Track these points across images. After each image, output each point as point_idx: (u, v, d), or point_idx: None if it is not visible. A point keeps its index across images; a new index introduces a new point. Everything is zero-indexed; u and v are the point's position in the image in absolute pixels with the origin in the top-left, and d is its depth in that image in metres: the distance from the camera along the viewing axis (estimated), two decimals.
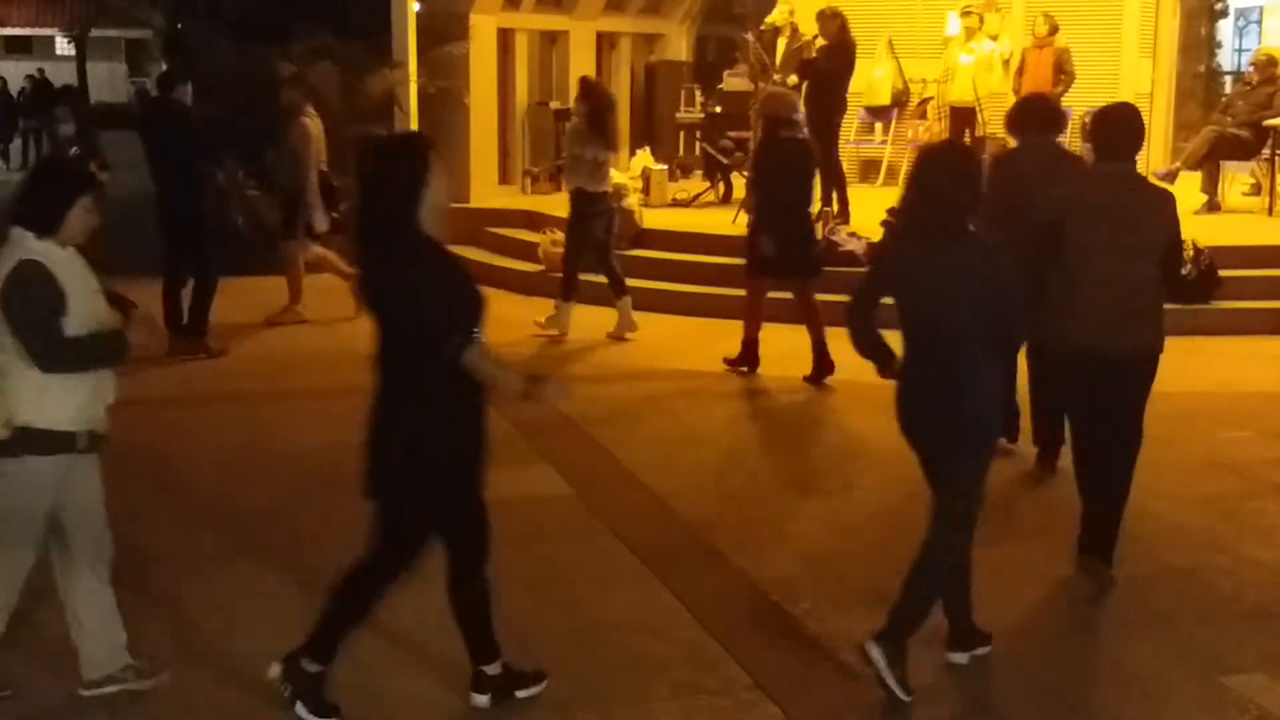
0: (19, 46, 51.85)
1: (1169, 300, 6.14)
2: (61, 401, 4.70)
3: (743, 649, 5.49)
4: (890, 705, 5.03)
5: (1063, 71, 15.23)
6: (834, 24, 13.22)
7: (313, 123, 11.69)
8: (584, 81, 11.95)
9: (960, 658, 5.41)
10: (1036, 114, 8.01)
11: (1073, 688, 5.28)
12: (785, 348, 9.76)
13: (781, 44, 15.28)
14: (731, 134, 15.03)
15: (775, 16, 15.29)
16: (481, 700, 4.98)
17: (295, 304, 11.96)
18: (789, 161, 9.78)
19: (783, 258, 9.63)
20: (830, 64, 13.26)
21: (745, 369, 9.98)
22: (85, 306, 4.71)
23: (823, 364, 9.56)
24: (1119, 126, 6.16)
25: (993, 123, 15.83)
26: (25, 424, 4.66)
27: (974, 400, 5.06)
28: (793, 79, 14.73)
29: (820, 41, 13.53)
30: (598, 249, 11.16)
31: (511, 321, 11.56)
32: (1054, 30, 15.23)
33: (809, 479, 7.88)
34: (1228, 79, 22.85)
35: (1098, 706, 5.15)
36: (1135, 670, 5.44)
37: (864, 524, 6.91)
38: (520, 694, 5.03)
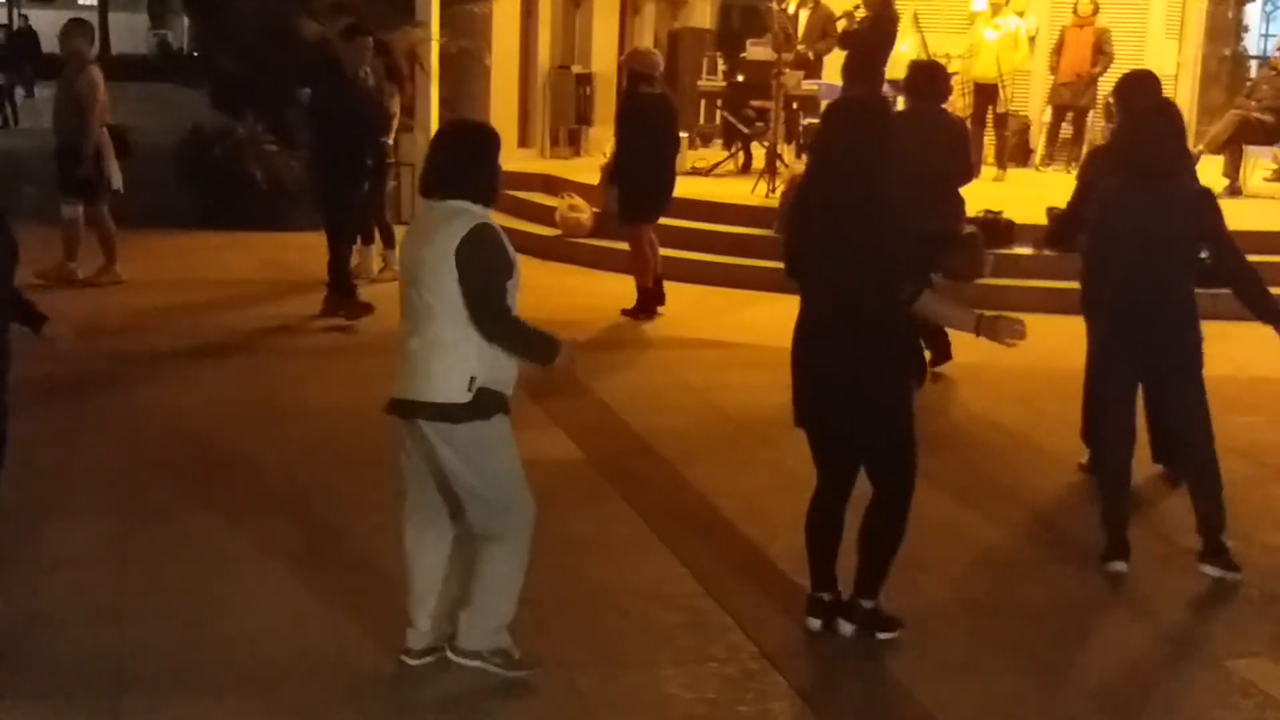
0: None
1: None
2: (503, 362, 4.74)
3: (749, 618, 5.50)
4: (891, 676, 5.06)
5: (1101, 51, 15.24)
6: None
7: (100, 73, 11.09)
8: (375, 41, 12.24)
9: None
10: (917, 81, 8.99)
11: (1076, 667, 5.29)
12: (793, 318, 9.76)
13: (804, 15, 15.22)
14: (754, 103, 14.95)
15: None
16: (848, 629, 5.31)
17: (112, 264, 11.40)
18: (649, 114, 10.60)
19: (652, 200, 10.67)
20: (871, 36, 13.24)
21: (645, 316, 10.77)
22: (518, 272, 4.77)
23: (655, 298, 10.79)
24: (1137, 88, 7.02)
25: (1015, 99, 15.82)
26: (484, 384, 4.67)
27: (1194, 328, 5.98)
28: (803, 48, 14.75)
29: (862, 12, 13.50)
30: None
31: (532, 285, 11.55)
32: (1096, 10, 15.23)
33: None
34: (1254, 63, 22.69)
35: (1102, 687, 5.15)
36: (1141, 652, 5.45)
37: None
38: (881, 635, 5.30)
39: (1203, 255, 7.25)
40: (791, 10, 15.07)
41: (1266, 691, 5.08)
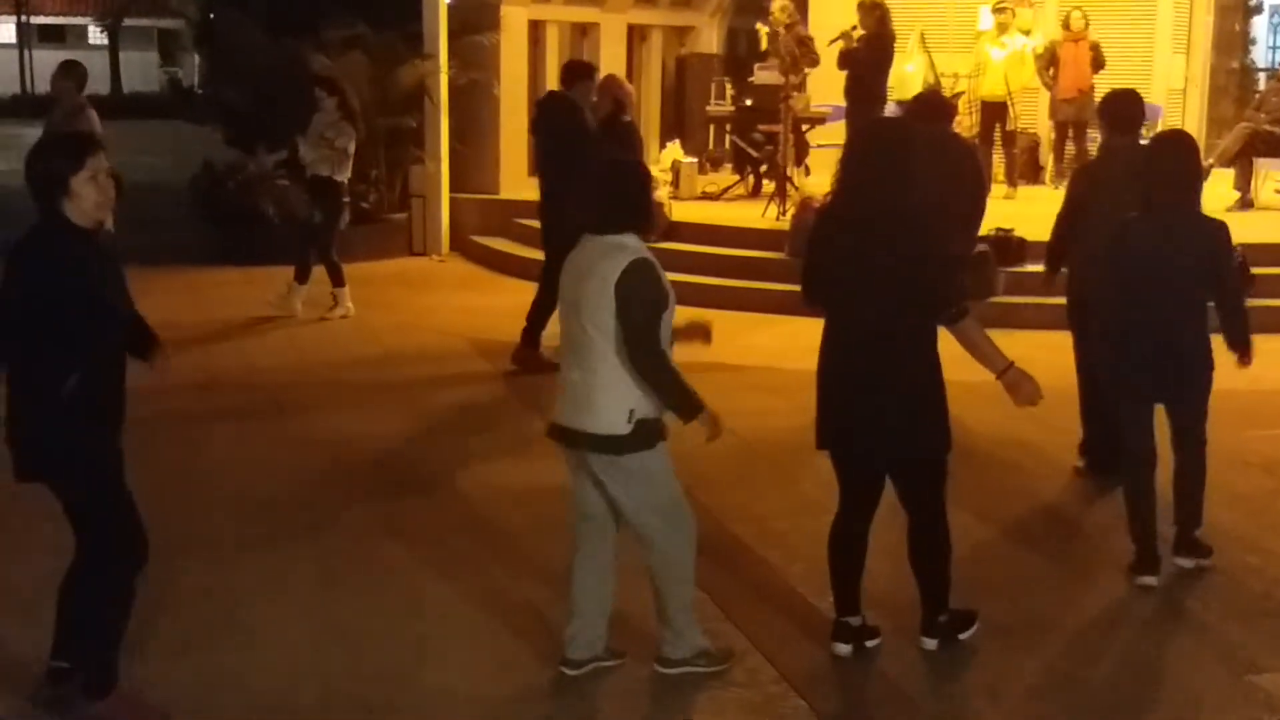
0: (52, 35, 52.15)
1: None
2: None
3: (769, 642, 5.50)
4: (912, 698, 5.04)
5: (1101, 65, 15.31)
6: (873, 15, 13.25)
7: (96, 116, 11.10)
8: (323, 80, 12.21)
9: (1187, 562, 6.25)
10: (921, 111, 8.81)
11: (1100, 684, 5.26)
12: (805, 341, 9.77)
13: (783, 36, 15.25)
14: (762, 127, 14.97)
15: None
16: (930, 644, 5.39)
17: None
18: (625, 144, 10.25)
19: None
20: (869, 55, 13.25)
21: None
22: (673, 304, 4.94)
23: None
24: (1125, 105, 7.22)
25: (1023, 117, 15.83)
26: (643, 416, 4.85)
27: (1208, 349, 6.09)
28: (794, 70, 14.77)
29: (859, 32, 13.53)
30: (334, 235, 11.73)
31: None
32: (1088, 23, 15.28)
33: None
34: (1261, 75, 22.67)
35: (1125, 703, 5.13)
36: (1163, 668, 5.43)
37: (888, 520, 6.87)
38: (962, 636, 5.44)
39: None
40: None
41: None
